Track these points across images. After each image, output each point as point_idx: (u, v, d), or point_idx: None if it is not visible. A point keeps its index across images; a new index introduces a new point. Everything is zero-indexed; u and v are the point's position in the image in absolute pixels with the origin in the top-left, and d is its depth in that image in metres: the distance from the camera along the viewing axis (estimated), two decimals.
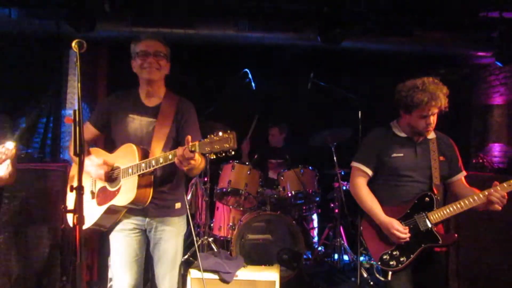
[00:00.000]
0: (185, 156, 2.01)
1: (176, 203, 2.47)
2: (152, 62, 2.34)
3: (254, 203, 4.51)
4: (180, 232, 2.51)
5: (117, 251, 2.44)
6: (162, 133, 2.34)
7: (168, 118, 2.37)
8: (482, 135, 5.57)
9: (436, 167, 2.51)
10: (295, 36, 4.70)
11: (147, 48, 2.35)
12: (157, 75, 2.38)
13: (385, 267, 2.44)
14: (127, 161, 2.28)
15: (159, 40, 2.39)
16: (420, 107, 2.41)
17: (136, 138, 2.36)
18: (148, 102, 2.44)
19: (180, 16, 4.65)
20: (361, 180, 2.59)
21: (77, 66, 1.84)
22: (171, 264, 2.48)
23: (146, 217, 2.41)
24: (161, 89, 2.47)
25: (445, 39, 4.78)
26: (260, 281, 3.32)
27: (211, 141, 1.95)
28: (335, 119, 5.24)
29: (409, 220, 2.47)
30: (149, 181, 2.27)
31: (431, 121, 2.46)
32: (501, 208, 2.38)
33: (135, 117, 2.41)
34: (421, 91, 2.40)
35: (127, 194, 2.24)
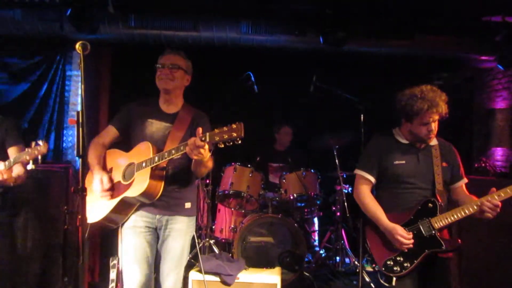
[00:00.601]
0: (196, 144, 2.09)
1: (186, 202, 2.54)
2: (166, 73, 2.50)
3: (255, 205, 4.51)
4: (188, 232, 2.57)
5: (128, 248, 2.48)
6: (177, 137, 2.46)
7: (183, 124, 2.51)
8: (485, 139, 5.56)
9: (439, 173, 2.52)
10: (298, 39, 4.71)
11: (165, 61, 2.52)
12: (170, 85, 2.51)
13: (389, 272, 2.44)
14: (142, 157, 2.38)
15: (179, 54, 2.57)
16: (421, 115, 2.44)
17: (152, 139, 2.47)
18: (167, 109, 2.59)
19: (183, 19, 4.66)
20: (364, 187, 2.61)
21: (80, 67, 1.86)
22: (175, 262, 2.51)
23: (156, 213, 2.48)
24: (179, 99, 2.63)
25: (448, 43, 4.78)
26: (261, 284, 3.32)
27: (221, 131, 2.06)
28: (337, 122, 5.23)
29: (413, 226, 2.47)
30: (161, 175, 2.37)
31: (432, 128, 2.47)
32: (492, 217, 2.38)
33: (154, 122, 2.54)
34: (420, 99, 2.42)
35: (139, 185, 2.33)
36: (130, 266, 2.46)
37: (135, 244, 2.47)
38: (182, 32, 4.72)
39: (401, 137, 2.61)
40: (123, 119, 2.61)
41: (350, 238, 4.79)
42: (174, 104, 2.60)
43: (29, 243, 3.48)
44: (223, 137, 2.04)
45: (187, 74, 2.59)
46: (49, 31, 4.63)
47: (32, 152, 2.57)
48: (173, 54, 2.55)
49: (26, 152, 2.59)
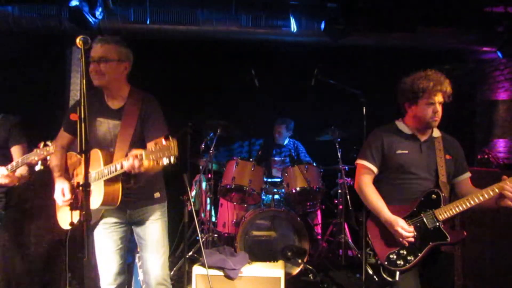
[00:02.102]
0: (134, 166, 2.11)
1: (154, 193, 2.56)
2: (94, 69, 2.34)
3: (258, 199, 4.51)
4: (161, 217, 2.59)
5: (100, 243, 2.54)
6: (126, 134, 2.39)
7: (132, 119, 2.42)
8: (487, 130, 5.54)
9: (442, 165, 2.49)
10: (299, 32, 4.68)
11: (93, 54, 2.35)
12: (101, 80, 2.37)
13: (392, 266, 2.39)
14: (95, 166, 2.36)
15: (107, 43, 2.37)
16: (427, 93, 2.42)
17: (106, 141, 2.44)
18: (112, 104, 2.48)
19: (183, 12, 4.63)
20: (366, 177, 2.57)
21: (81, 62, 1.85)
22: (156, 246, 2.54)
23: (126, 210, 2.50)
24: (123, 89, 2.49)
25: (450, 35, 4.75)
26: (265, 278, 3.32)
27: (155, 150, 2.04)
28: (339, 115, 5.22)
29: (416, 218, 2.43)
30: (116, 183, 2.33)
31: (438, 109, 2.44)
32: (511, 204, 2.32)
33: (102, 120, 2.47)
34: (425, 78, 2.43)
35: (96, 198, 2.32)
36: (104, 259, 2.53)
37: (106, 239, 2.52)
38: (182, 26, 4.70)
39: (404, 128, 2.59)
40: (71, 121, 2.45)
41: (353, 231, 4.79)
42: (118, 96, 2.47)
43: (33, 239, 3.49)
44: (158, 156, 2.03)
45: (123, 62, 2.41)
46: (48, 26, 4.61)
47: (40, 153, 2.55)
48: (101, 44, 2.35)
49: (34, 153, 2.57)
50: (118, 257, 2.55)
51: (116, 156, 2.35)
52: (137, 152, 2.11)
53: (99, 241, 2.54)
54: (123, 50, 2.43)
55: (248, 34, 4.81)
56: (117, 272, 2.55)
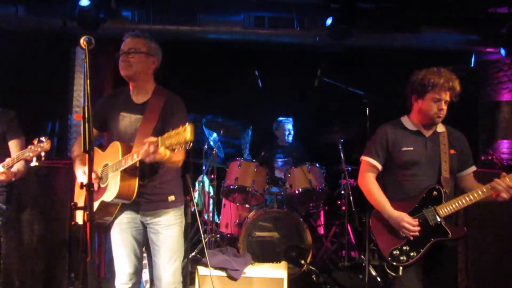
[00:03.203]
0: (149, 151, 2.09)
1: (169, 196, 2.51)
2: (123, 59, 2.40)
3: (261, 200, 4.50)
4: (177, 223, 2.54)
5: (115, 244, 2.53)
6: (147, 129, 2.38)
7: (154, 114, 2.41)
8: (491, 131, 5.52)
9: (446, 160, 2.50)
10: (303, 32, 4.68)
11: (123, 47, 2.43)
12: (128, 71, 2.40)
13: (396, 262, 2.42)
14: (113, 158, 2.35)
15: (138, 37, 2.44)
16: (436, 88, 2.43)
17: (127, 135, 2.43)
18: (137, 99, 2.49)
19: (186, 13, 4.64)
20: (370, 174, 2.59)
21: (85, 63, 1.85)
22: (170, 254, 2.50)
23: (139, 211, 2.47)
24: (149, 84, 2.50)
25: (454, 35, 4.74)
26: (268, 278, 3.32)
27: (170, 135, 2.02)
28: (342, 116, 5.21)
29: (418, 214, 2.45)
30: (133, 176, 2.32)
31: (443, 107, 2.45)
32: (507, 197, 2.35)
33: (125, 115, 2.47)
34: (438, 74, 2.45)
35: (112, 190, 2.31)
36: (119, 259, 2.52)
37: (121, 240, 2.50)
38: (185, 27, 4.70)
39: (409, 124, 2.60)
40: (96, 116, 2.48)
41: (356, 232, 4.77)
42: (144, 91, 2.48)
43: (35, 239, 3.49)
44: (173, 141, 2.01)
45: (151, 56, 2.45)
46: (53, 27, 4.62)
47: (35, 149, 2.56)
48: (132, 38, 2.43)
49: (29, 149, 2.58)
50: (134, 258, 2.52)
51: (135, 150, 2.32)
52: (153, 139, 2.09)
53: (115, 242, 2.53)
54: (153, 45, 2.47)
55: (251, 34, 4.82)
56: (132, 272, 2.53)
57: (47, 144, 2.57)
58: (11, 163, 2.69)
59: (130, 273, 2.53)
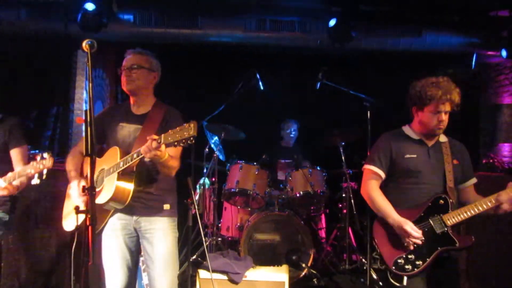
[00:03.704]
0: (151, 147, 2.11)
1: (164, 204, 2.50)
2: (126, 74, 2.48)
3: (262, 203, 4.50)
4: (171, 233, 2.52)
5: (108, 252, 2.49)
6: (146, 138, 2.35)
7: (153, 124, 2.46)
8: (492, 135, 5.52)
9: (450, 170, 2.47)
10: (304, 35, 4.68)
11: (125, 63, 2.51)
12: (132, 85, 2.48)
13: (400, 271, 2.37)
14: (112, 162, 2.37)
15: (140, 54, 2.54)
16: (434, 101, 2.40)
17: (124, 143, 2.47)
18: (137, 111, 2.56)
19: (187, 16, 4.65)
20: (373, 182, 2.56)
21: (88, 66, 1.86)
22: (164, 265, 2.47)
23: (133, 215, 2.46)
24: (149, 98, 2.58)
25: (455, 38, 4.74)
26: (269, 282, 3.31)
27: (174, 132, 2.07)
28: (344, 119, 5.21)
29: (424, 223, 2.41)
30: (129, 180, 2.33)
31: (443, 118, 2.43)
32: (508, 209, 2.34)
33: (124, 125, 2.52)
34: (436, 86, 2.41)
35: (107, 192, 2.32)
36: (112, 268, 2.49)
37: (114, 247, 2.48)
38: (186, 30, 4.71)
39: (411, 133, 2.58)
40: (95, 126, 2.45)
41: (357, 235, 4.77)
42: (144, 104, 2.55)
43: (38, 243, 3.49)
44: (176, 137, 2.05)
45: (152, 72, 2.55)
46: (54, 30, 4.63)
47: (37, 166, 2.51)
48: (134, 54, 2.53)
49: (31, 166, 2.52)
50: (126, 270, 2.50)
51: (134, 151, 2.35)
52: (155, 136, 2.12)
53: (107, 250, 2.50)
54: (154, 61, 2.57)
55: (252, 38, 4.82)
56: (124, 284, 2.49)
57: (49, 162, 2.52)
58: (12, 179, 2.63)
59: (123, 283, 2.49)
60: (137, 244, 2.53)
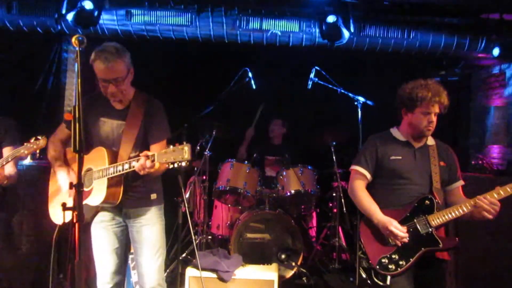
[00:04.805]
0: (146, 166, 2.16)
1: (151, 194, 2.56)
2: (113, 92, 2.36)
3: (252, 202, 4.50)
4: (159, 221, 2.58)
5: (97, 242, 2.54)
6: (131, 135, 2.42)
7: (136, 120, 2.45)
8: (481, 136, 5.57)
9: (436, 171, 2.52)
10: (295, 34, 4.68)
11: (107, 75, 2.32)
12: (116, 98, 2.43)
13: (384, 271, 2.41)
14: (99, 163, 2.38)
15: (114, 59, 2.30)
16: (424, 103, 2.45)
17: (109, 140, 2.46)
18: (117, 106, 2.52)
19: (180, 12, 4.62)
20: (359, 182, 2.61)
21: (76, 62, 1.84)
22: (152, 251, 2.52)
23: (122, 208, 2.50)
24: (129, 93, 2.50)
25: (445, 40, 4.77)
26: (258, 280, 3.32)
27: (167, 152, 2.09)
28: (335, 119, 5.22)
29: (409, 223, 2.44)
30: (119, 181, 2.37)
31: (433, 119, 2.48)
32: (491, 217, 2.34)
33: (106, 120, 2.49)
34: (425, 88, 2.46)
35: (98, 195, 2.34)
36: (101, 258, 2.53)
37: (103, 237, 2.52)
38: (178, 26, 4.68)
39: (399, 135, 2.62)
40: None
41: (347, 234, 4.79)
42: (125, 98, 2.49)
43: (24, 239, 3.46)
44: (170, 158, 2.08)
45: (129, 70, 2.41)
46: (45, 25, 4.58)
47: (30, 146, 2.55)
48: (107, 63, 2.27)
49: (24, 147, 2.57)
50: (115, 256, 2.54)
51: (121, 155, 2.38)
52: (149, 153, 2.15)
53: (96, 240, 2.54)
54: (126, 56, 2.38)
55: (245, 35, 4.81)
56: (114, 271, 2.54)
57: (43, 142, 2.56)
58: (4, 161, 2.67)
59: (112, 272, 2.54)
60: (126, 233, 2.57)
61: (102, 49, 2.31)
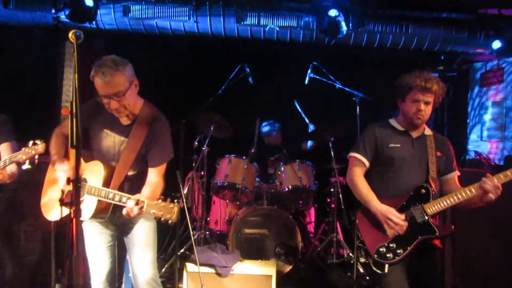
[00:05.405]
0: (133, 211, 2.17)
1: None
2: (116, 108, 2.29)
3: (250, 197, 4.50)
4: (150, 219, 2.55)
5: (89, 241, 2.53)
6: (131, 153, 2.40)
7: (139, 138, 2.40)
8: (479, 132, 5.58)
9: (433, 161, 2.55)
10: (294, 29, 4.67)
11: (107, 91, 2.23)
12: (125, 112, 2.36)
13: (382, 259, 2.44)
14: (94, 178, 2.36)
15: (113, 73, 2.21)
16: (413, 90, 2.49)
17: (109, 154, 2.45)
18: (123, 120, 2.44)
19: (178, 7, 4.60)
20: (357, 169, 2.63)
21: (73, 57, 1.83)
22: (143, 246, 2.51)
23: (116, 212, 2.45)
24: (135, 106, 2.42)
25: (444, 35, 4.77)
26: (256, 276, 3.33)
27: (158, 205, 2.13)
28: (333, 115, 5.22)
29: (406, 212, 2.48)
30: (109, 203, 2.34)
31: (422, 108, 2.51)
32: (494, 198, 2.38)
33: (109, 133, 2.45)
34: (416, 76, 2.50)
35: (87, 211, 2.33)
36: (94, 256, 2.53)
37: (97, 236, 2.51)
38: (176, 22, 4.67)
39: (397, 125, 2.66)
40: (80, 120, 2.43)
41: (345, 230, 4.80)
42: (131, 112, 2.40)
43: (22, 235, 3.46)
44: (158, 213, 2.12)
45: (132, 82, 2.32)
46: (42, 20, 4.56)
47: (29, 151, 2.51)
48: (110, 77, 2.19)
49: (23, 151, 2.53)
50: (109, 255, 2.54)
51: (117, 172, 2.37)
52: (140, 199, 2.15)
53: (89, 239, 2.52)
54: (125, 69, 2.28)
55: (244, 31, 4.80)
56: (108, 270, 2.54)
57: (41, 147, 2.51)
58: (2, 165, 2.66)
59: (106, 271, 2.53)
60: (118, 230, 2.57)
61: (100, 64, 2.23)
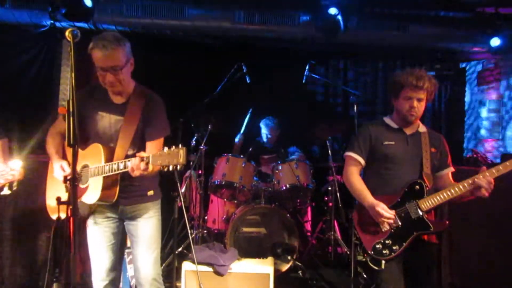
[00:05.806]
0: (139, 168, 2.12)
1: (148, 191, 2.54)
2: (112, 81, 2.30)
3: (248, 196, 4.50)
4: (154, 215, 2.56)
5: (92, 238, 2.53)
6: (128, 131, 2.38)
7: (135, 116, 2.40)
8: (476, 130, 5.60)
9: (428, 158, 2.58)
10: (292, 29, 4.67)
11: (105, 64, 2.26)
12: (120, 87, 2.36)
13: (378, 256, 2.47)
14: (95, 160, 2.35)
15: (114, 48, 2.24)
16: (405, 87, 2.51)
17: (106, 136, 2.43)
18: (116, 99, 2.45)
19: (175, 7, 4.60)
20: (353, 168, 2.66)
21: (70, 56, 1.83)
22: (147, 244, 2.52)
23: (119, 206, 2.48)
24: (129, 85, 2.44)
25: (441, 34, 4.78)
26: (254, 274, 3.33)
27: (162, 155, 2.06)
28: (330, 113, 5.22)
29: (401, 208, 2.51)
30: (115, 180, 2.34)
31: (414, 105, 2.52)
32: (487, 194, 2.41)
33: (104, 115, 2.44)
34: (408, 73, 2.53)
35: (93, 193, 2.32)
36: (96, 254, 2.52)
37: (99, 233, 2.51)
38: (174, 21, 4.66)
39: (391, 123, 2.68)
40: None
41: (342, 228, 4.81)
42: (124, 92, 2.43)
43: (19, 234, 3.45)
44: (164, 161, 2.05)
45: (129, 60, 2.35)
46: (39, 19, 4.55)
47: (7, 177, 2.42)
48: (105, 51, 2.22)
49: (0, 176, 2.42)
50: (111, 253, 2.53)
51: (117, 152, 2.35)
52: (144, 155, 2.12)
53: (92, 236, 2.52)
54: (125, 45, 2.31)
55: (241, 30, 4.80)
56: (109, 268, 2.53)
57: (20, 175, 2.45)
58: None
59: (107, 269, 2.52)
60: (122, 227, 2.56)
61: (101, 37, 2.26)
